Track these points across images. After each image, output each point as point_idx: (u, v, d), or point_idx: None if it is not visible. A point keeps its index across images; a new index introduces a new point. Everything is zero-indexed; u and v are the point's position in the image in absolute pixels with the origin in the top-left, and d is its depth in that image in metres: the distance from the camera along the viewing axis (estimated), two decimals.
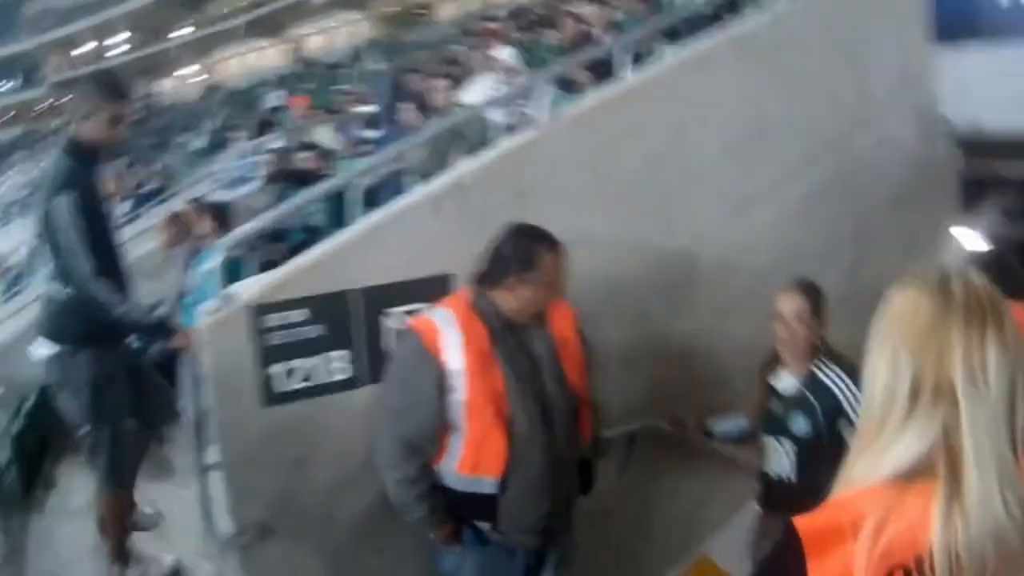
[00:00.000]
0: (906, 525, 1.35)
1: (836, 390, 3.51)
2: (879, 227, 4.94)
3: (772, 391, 3.70)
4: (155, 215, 12.58)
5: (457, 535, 3.37)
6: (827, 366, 3.59)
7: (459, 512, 3.33)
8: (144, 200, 15.78)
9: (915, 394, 1.40)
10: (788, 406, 3.61)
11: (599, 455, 3.67)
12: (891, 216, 4.98)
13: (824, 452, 3.36)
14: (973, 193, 5.86)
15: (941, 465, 1.37)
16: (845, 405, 3.47)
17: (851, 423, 3.38)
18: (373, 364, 3.53)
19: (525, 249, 3.26)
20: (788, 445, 3.61)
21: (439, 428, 3.22)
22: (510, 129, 4.24)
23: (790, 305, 3.56)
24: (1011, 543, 1.33)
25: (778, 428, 3.64)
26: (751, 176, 4.39)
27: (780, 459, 3.66)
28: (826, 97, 4.68)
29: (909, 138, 5.11)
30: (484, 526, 3.32)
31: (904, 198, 5.06)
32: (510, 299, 3.27)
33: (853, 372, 3.51)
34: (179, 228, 7.63)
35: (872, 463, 1.42)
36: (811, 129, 4.63)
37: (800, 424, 3.53)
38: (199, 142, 23.00)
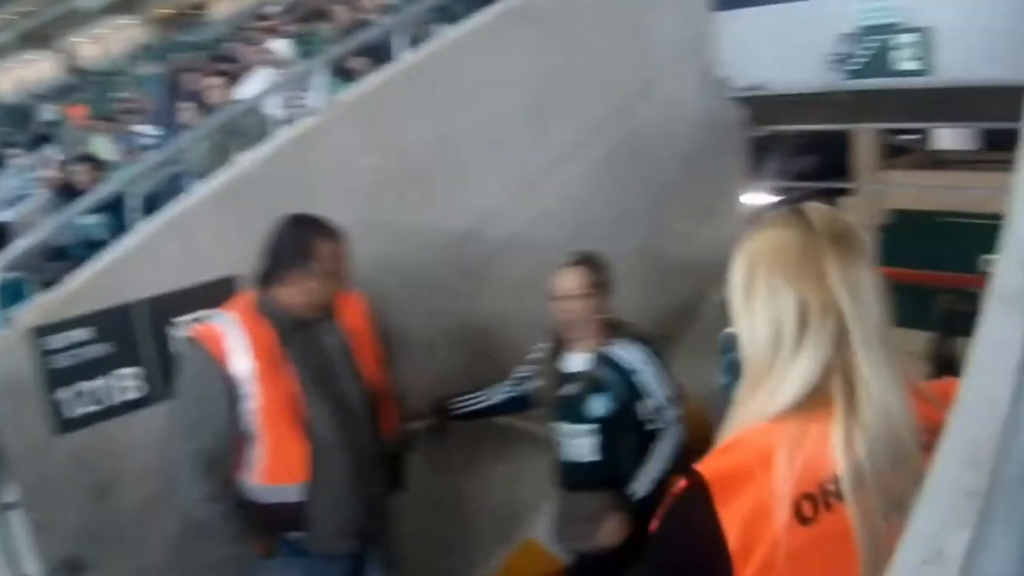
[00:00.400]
0: (810, 452, 1.38)
1: (633, 366, 3.43)
2: (671, 191, 5.02)
3: (561, 376, 3.57)
4: None
5: (273, 549, 3.26)
6: (619, 342, 3.52)
7: (268, 524, 3.21)
8: None
9: (803, 318, 1.43)
10: (583, 389, 3.49)
11: (407, 449, 3.60)
12: (682, 179, 5.07)
13: (625, 430, 3.41)
14: (761, 152, 6.06)
15: (836, 382, 1.41)
16: (644, 380, 3.41)
17: (651, 400, 3.39)
18: (166, 378, 3.36)
19: (301, 241, 3.14)
20: (586, 429, 3.49)
21: (235, 439, 3.10)
22: (289, 122, 4.11)
23: (565, 282, 3.45)
24: (908, 447, 1.38)
25: (573, 413, 3.52)
26: (539, 148, 4.39)
27: (578, 445, 3.53)
28: (611, 65, 4.71)
29: (694, 102, 5.21)
30: (297, 536, 3.21)
31: (693, 161, 5.16)
32: (294, 294, 3.15)
33: (649, 345, 3.51)
34: None
35: (768, 398, 1.44)
36: (597, 98, 4.65)
37: (597, 407, 3.44)
38: None
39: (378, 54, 5.31)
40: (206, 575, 3.51)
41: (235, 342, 3.08)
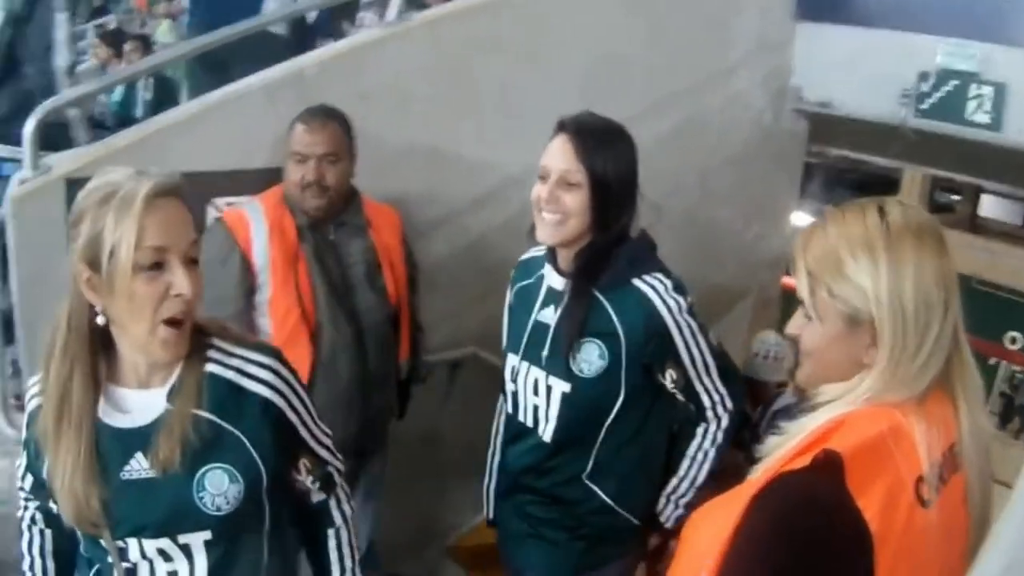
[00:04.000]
0: (934, 430, 1.44)
1: (656, 303, 2.45)
2: (720, 185, 4.96)
3: (523, 296, 2.73)
4: None
5: None
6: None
7: None
8: None
9: (943, 312, 1.47)
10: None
11: (417, 379, 3.57)
12: (734, 176, 5.01)
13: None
14: (811, 172, 5.99)
15: (954, 370, 1.51)
16: (672, 329, 2.46)
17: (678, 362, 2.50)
18: None
19: (295, 126, 3.16)
20: (556, 386, 2.57)
21: (247, 327, 3.07)
22: None
23: (557, 154, 2.51)
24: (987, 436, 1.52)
25: (538, 356, 2.61)
26: (601, 110, 4.31)
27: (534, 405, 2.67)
28: (684, 46, 4.62)
29: (759, 104, 5.11)
30: None
31: (748, 161, 5.09)
32: (289, 185, 3.16)
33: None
34: None
35: (911, 381, 1.47)
36: (664, 75, 4.56)
37: (591, 356, 2.48)
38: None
39: None
40: None
41: (258, 230, 3.07)
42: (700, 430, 2.59)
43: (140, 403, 1.83)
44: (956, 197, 9.80)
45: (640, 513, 2.66)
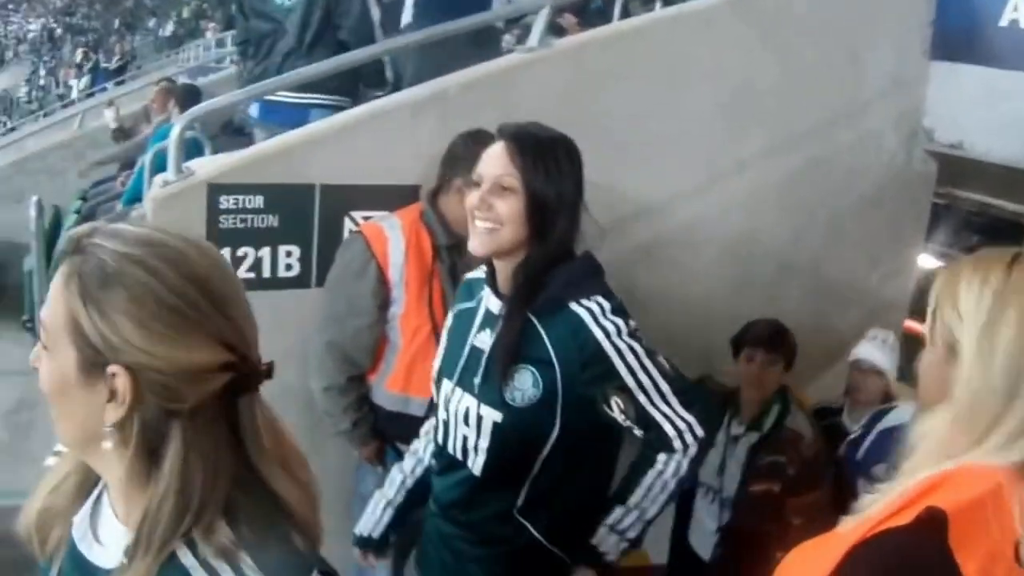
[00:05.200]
0: None
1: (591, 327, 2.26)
2: (848, 224, 4.92)
3: (462, 319, 2.54)
4: (113, 93, 12.37)
5: (380, 455, 3.30)
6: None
7: (385, 431, 3.24)
8: (104, 77, 15.47)
9: None
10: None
11: None
12: (862, 217, 4.97)
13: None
14: (938, 214, 5.87)
15: None
16: (610, 354, 2.25)
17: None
18: (324, 265, 3.38)
19: (473, 149, 2.97)
20: (487, 415, 2.36)
21: (377, 340, 3.12)
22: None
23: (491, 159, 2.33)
24: None
25: (471, 383, 2.41)
26: (733, 145, 4.32)
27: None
28: (817, 81, 4.60)
29: (891, 143, 5.06)
30: (407, 447, 3.24)
31: (877, 202, 5.04)
32: (455, 206, 3.10)
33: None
34: (163, 102, 7.58)
35: (992, 451, 1.36)
36: (798, 110, 4.55)
37: (524, 384, 2.29)
38: (167, 28, 22.67)
39: (589, 18, 5.30)
40: (321, 469, 3.55)
41: (396, 246, 3.12)
42: (663, 458, 2.34)
43: (113, 538, 1.31)
44: None
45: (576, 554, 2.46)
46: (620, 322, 2.24)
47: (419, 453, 2.66)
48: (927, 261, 6.10)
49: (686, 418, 2.30)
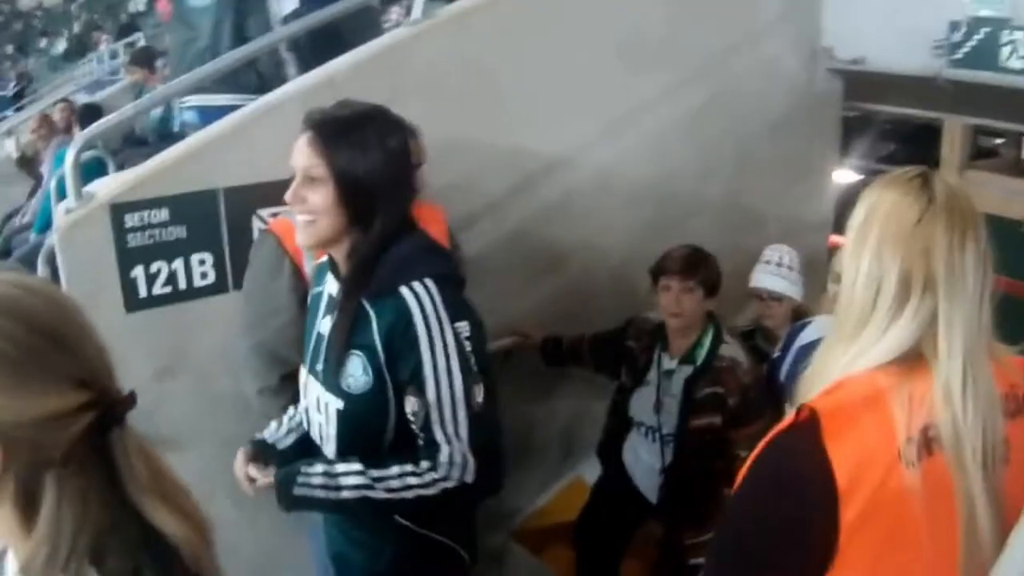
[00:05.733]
0: (912, 401, 1.48)
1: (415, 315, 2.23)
2: (760, 152, 4.94)
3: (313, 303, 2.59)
4: (12, 121, 12.13)
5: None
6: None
7: None
8: (3, 105, 15.17)
9: (905, 285, 1.52)
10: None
11: None
12: (771, 142, 4.99)
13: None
14: (851, 130, 5.93)
15: (931, 348, 1.52)
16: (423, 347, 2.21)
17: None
18: (238, 268, 3.34)
19: None
20: (331, 402, 2.39)
21: (302, 337, 3.11)
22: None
23: (298, 151, 2.33)
24: (994, 413, 1.51)
25: (316, 370, 2.48)
26: (631, 89, 4.32)
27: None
28: (710, 14, 4.60)
29: (792, 66, 5.08)
30: None
31: (785, 126, 5.06)
32: None
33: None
34: (48, 128, 7.44)
35: (861, 352, 1.54)
36: (693, 45, 4.55)
37: (356, 371, 2.30)
38: (59, 47, 22.26)
39: None
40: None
41: None
42: (425, 465, 2.24)
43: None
44: (1000, 140, 9.67)
45: (448, 531, 2.47)
46: (445, 319, 2.21)
47: None
48: (846, 176, 6.17)
49: (466, 455, 2.23)
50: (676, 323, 3.58)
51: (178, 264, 3.32)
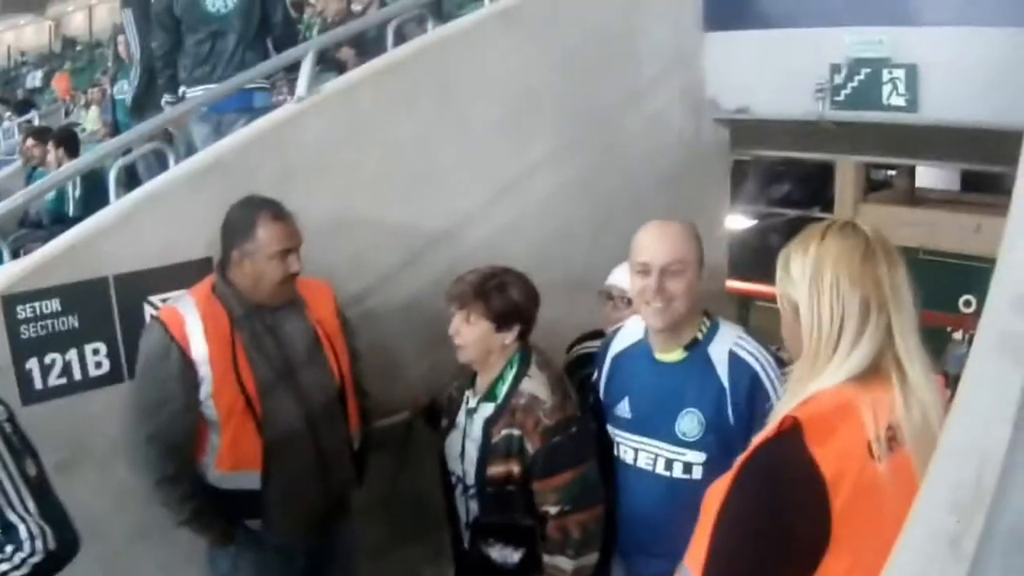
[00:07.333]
0: (876, 406, 1.74)
1: None
2: (654, 203, 4.95)
3: None
4: None
5: (229, 536, 3.23)
6: None
7: (227, 511, 3.18)
8: None
9: (865, 309, 1.81)
10: None
11: (371, 446, 3.57)
12: (664, 193, 5.02)
13: None
14: (743, 176, 6.07)
15: (888, 361, 1.81)
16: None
17: None
18: (132, 357, 3.30)
19: (245, 219, 3.10)
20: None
21: (196, 423, 3.07)
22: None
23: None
24: (932, 419, 1.74)
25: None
26: (521, 153, 4.38)
27: None
28: (598, 75, 4.68)
29: (679, 119, 5.17)
30: (255, 524, 3.18)
31: (676, 177, 5.11)
32: (244, 276, 3.12)
33: None
34: None
35: (834, 370, 1.80)
36: (583, 106, 4.62)
37: None
38: None
39: (366, 47, 5.33)
40: (163, 561, 3.49)
41: (193, 325, 3.06)
42: (10, 549, 2.27)
43: None
44: (892, 172, 9.95)
45: None
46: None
47: None
48: (739, 221, 6.29)
49: (42, 526, 2.30)
50: (461, 356, 3.18)
51: (72, 354, 3.29)
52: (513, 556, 3.08)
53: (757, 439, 1.79)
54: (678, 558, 1.87)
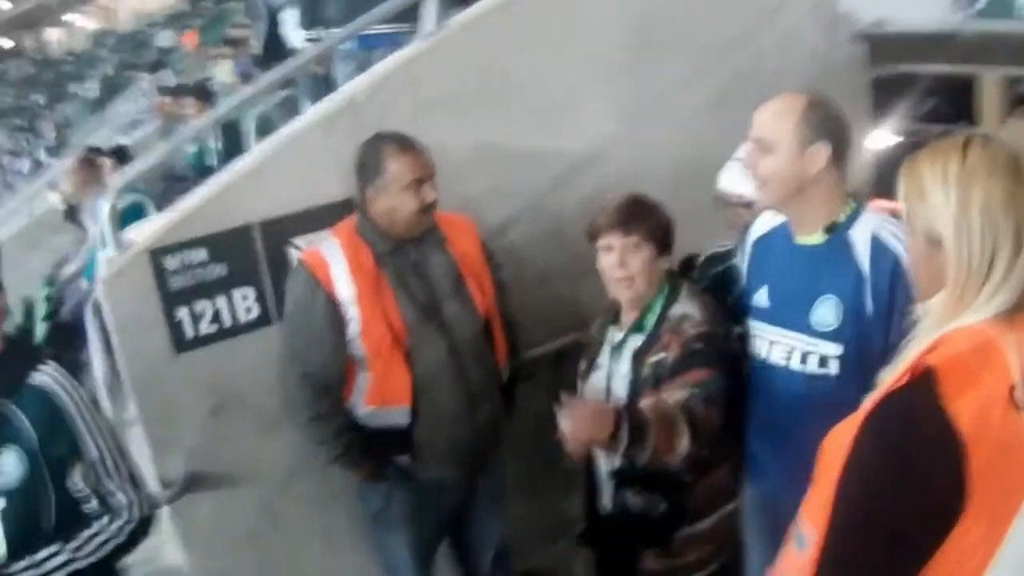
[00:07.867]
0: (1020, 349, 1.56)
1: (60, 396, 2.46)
2: None
3: None
4: (54, 170, 12.30)
5: (379, 473, 3.27)
6: None
7: (377, 448, 3.22)
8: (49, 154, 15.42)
9: (1019, 240, 1.59)
10: None
11: (521, 377, 3.57)
12: None
13: None
14: (882, 92, 5.84)
15: None
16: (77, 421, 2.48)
17: None
18: (279, 300, 3.38)
19: (373, 155, 3.12)
20: None
21: (346, 362, 3.12)
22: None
23: None
24: None
25: None
26: (652, 78, 4.27)
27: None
28: None
29: (813, 35, 4.99)
30: (404, 460, 3.22)
31: None
32: (379, 213, 3.14)
33: None
34: (86, 175, 7.52)
35: (979, 309, 1.61)
36: (712, 27, 4.49)
37: (7, 468, 2.39)
38: (93, 90, 22.56)
39: None
40: (316, 499, 3.58)
41: (338, 266, 3.11)
42: (107, 519, 2.43)
43: None
44: None
45: None
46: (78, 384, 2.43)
47: None
48: (883, 138, 6.07)
49: (135, 492, 2.49)
50: (626, 292, 2.94)
51: (221, 302, 3.37)
52: (660, 505, 2.88)
53: (885, 387, 1.63)
54: (810, 459, 1.76)
